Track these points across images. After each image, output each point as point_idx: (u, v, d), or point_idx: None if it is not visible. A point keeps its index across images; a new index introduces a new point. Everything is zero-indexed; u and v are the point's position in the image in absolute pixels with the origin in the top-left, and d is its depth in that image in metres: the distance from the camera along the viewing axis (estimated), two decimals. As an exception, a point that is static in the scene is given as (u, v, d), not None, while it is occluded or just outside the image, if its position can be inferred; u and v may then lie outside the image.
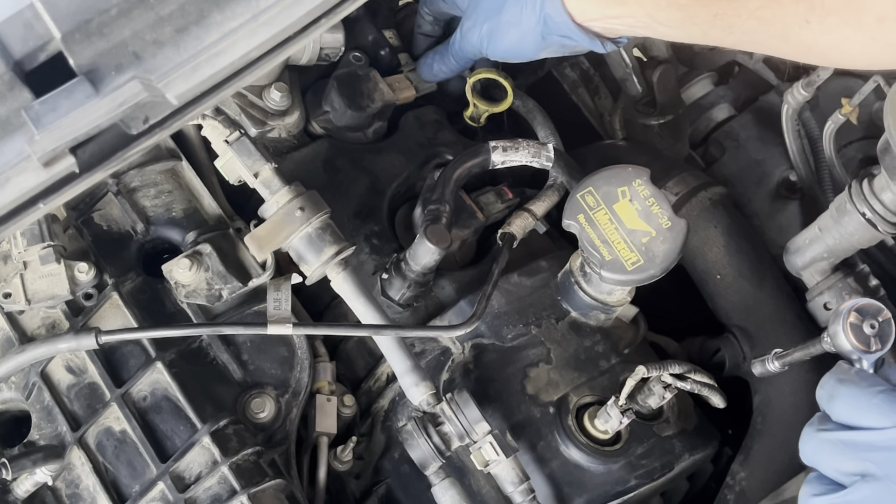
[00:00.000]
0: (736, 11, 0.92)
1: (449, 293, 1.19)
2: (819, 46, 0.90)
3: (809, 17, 0.87)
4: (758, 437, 1.15)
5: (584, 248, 1.08)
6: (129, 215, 1.14)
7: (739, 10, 0.92)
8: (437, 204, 1.15)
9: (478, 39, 1.18)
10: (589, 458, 1.08)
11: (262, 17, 0.68)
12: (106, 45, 0.65)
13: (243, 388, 1.10)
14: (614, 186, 1.09)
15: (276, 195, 1.05)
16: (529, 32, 1.11)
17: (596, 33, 1.08)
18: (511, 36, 1.13)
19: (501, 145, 1.19)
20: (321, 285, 1.08)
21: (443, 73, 1.31)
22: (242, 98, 1.20)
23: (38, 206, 0.68)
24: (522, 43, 1.13)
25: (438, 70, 1.30)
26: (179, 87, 0.67)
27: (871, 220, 1.05)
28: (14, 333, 1.09)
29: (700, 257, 1.24)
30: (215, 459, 1.02)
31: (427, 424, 1.03)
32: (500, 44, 1.16)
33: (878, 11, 0.83)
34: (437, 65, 1.30)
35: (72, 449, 1.06)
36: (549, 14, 1.07)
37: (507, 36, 1.14)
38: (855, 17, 0.85)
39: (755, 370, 1.07)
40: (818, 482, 0.86)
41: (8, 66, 0.64)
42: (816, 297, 1.16)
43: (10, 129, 0.64)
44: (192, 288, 1.07)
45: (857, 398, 0.85)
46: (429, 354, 1.15)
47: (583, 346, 1.16)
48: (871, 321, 0.91)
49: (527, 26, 1.10)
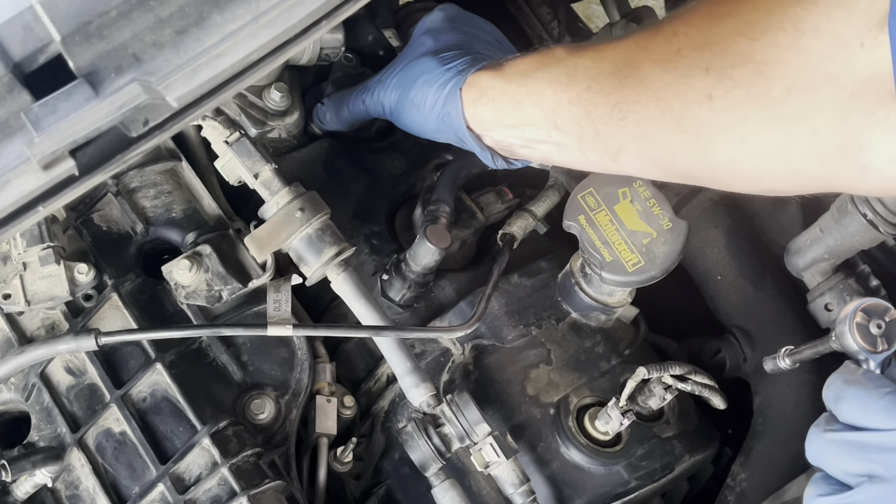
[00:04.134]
0: (637, 95, 0.87)
1: (449, 294, 1.19)
2: (714, 129, 0.83)
3: (714, 91, 0.81)
4: (758, 438, 1.15)
5: (584, 249, 1.08)
6: (129, 216, 1.14)
7: (642, 92, 0.86)
8: (437, 204, 1.15)
9: (388, 105, 1.13)
10: (589, 459, 1.08)
11: (263, 18, 0.67)
12: (106, 47, 0.65)
13: (243, 390, 1.09)
14: (615, 187, 1.08)
15: (276, 196, 1.05)
16: (430, 120, 1.07)
17: (489, 146, 1.04)
18: (413, 116, 1.09)
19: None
20: (321, 286, 1.08)
21: (333, 125, 1.24)
22: (242, 98, 1.20)
23: (37, 209, 0.68)
24: (424, 127, 1.09)
25: (330, 119, 1.23)
26: (179, 89, 0.66)
27: (872, 221, 1.05)
28: (13, 334, 1.08)
29: (700, 258, 1.24)
30: (215, 461, 1.02)
31: (427, 426, 1.03)
32: (403, 118, 1.12)
33: (789, 81, 0.77)
34: (329, 114, 1.23)
35: (71, 450, 1.05)
36: (448, 112, 1.03)
37: (409, 114, 1.10)
38: (763, 88, 0.79)
39: (767, 367, 1.07)
40: (824, 482, 0.86)
41: (7, 68, 0.64)
42: (817, 298, 1.15)
43: (9, 132, 0.64)
44: (192, 289, 1.06)
45: (863, 399, 0.84)
46: (429, 355, 1.15)
47: (583, 347, 1.16)
48: (877, 321, 0.91)
49: (428, 114, 1.06)
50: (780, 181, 0.87)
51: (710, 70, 0.81)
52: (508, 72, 1.00)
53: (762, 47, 0.78)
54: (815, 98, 0.77)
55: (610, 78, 0.90)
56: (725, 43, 0.81)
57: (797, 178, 0.85)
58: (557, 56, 0.96)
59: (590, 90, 0.91)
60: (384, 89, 1.13)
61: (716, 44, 0.81)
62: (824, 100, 0.77)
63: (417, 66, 1.09)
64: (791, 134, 0.80)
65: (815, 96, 0.77)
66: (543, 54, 0.98)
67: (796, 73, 0.77)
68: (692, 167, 0.90)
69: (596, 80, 0.91)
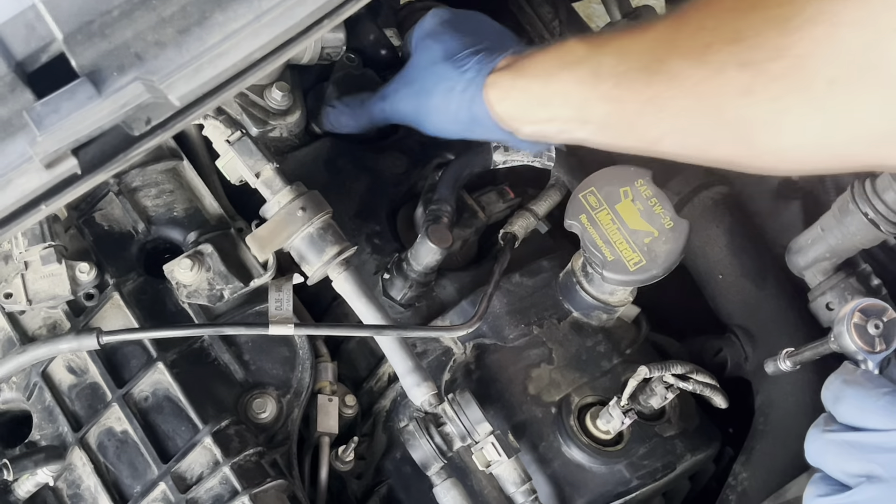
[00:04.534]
0: (671, 93, 0.86)
1: (450, 293, 1.19)
2: (755, 121, 0.82)
3: (753, 86, 0.80)
4: (760, 438, 1.15)
5: (585, 248, 1.07)
6: (131, 215, 1.14)
7: (676, 88, 0.85)
8: (438, 204, 1.15)
9: (410, 114, 1.12)
10: (591, 458, 1.08)
11: (265, 17, 0.67)
12: (108, 46, 0.65)
13: (245, 389, 1.10)
14: (616, 186, 1.08)
15: (278, 195, 1.05)
16: (459, 123, 1.07)
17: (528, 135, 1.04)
18: (439, 121, 1.09)
19: (503, 145, 1.19)
20: (322, 285, 1.08)
21: (349, 128, 1.23)
22: (244, 97, 1.20)
23: (40, 208, 0.68)
24: (452, 129, 1.09)
25: (346, 123, 1.23)
26: (182, 88, 0.67)
27: (873, 220, 1.05)
28: (15, 334, 1.08)
29: (702, 257, 1.24)
30: (217, 460, 1.02)
31: (429, 425, 1.03)
32: (428, 125, 1.11)
33: (829, 74, 0.76)
34: (345, 118, 1.22)
35: (73, 449, 1.05)
36: (476, 114, 1.03)
37: (435, 120, 1.09)
38: (803, 83, 0.78)
39: (768, 369, 1.07)
40: (823, 483, 0.86)
41: (10, 67, 0.64)
42: (819, 298, 1.15)
43: (11, 131, 0.64)
44: (194, 288, 1.06)
45: (862, 400, 0.84)
46: (430, 355, 1.15)
47: (585, 346, 1.16)
48: (875, 321, 0.91)
49: (455, 117, 1.06)
50: (827, 164, 0.87)
51: (746, 65, 0.80)
52: (529, 72, 0.99)
53: (798, 41, 0.77)
54: (857, 89, 0.76)
55: (638, 74, 0.89)
56: (758, 38, 0.79)
57: (845, 162, 0.85)
58: (578, 54, 0.95)
59: (619, 87, 0.90)
60: (403, 99, 1.12)
61: (748, 38, 0.80)
62: (867, 89, 0.76)
63: (433, 74, 1.08)
64: (836, 123, 0.79)
65: (857, 87, 0.76)
66: (562, 51, 0.97)
67: (836, 65, 0.76)
68: (735, 155, 0.89)
69: (624, 77, 0.90)
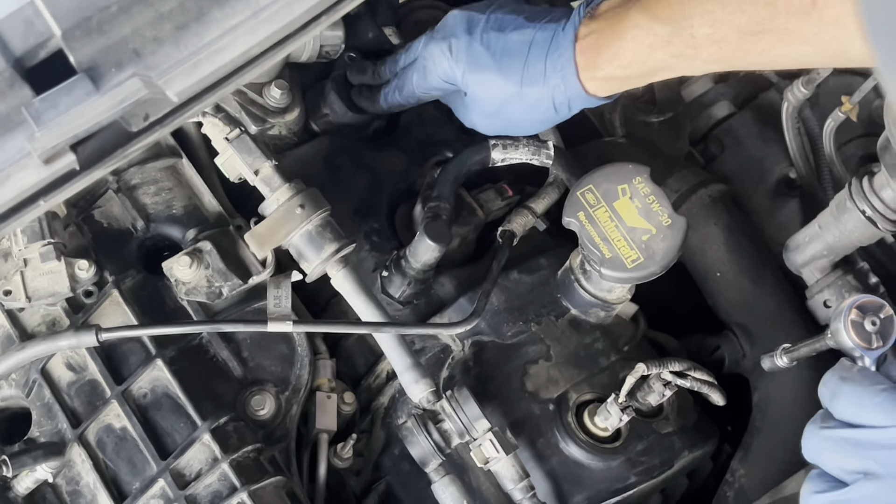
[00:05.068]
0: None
1: (449, 290, 1.19)
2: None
3: None
4: (757, 434, 1.15)
5: (584, 245, 1.08)
6: (130, 212, 1.14)
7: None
8: (437, 201, 1.15)
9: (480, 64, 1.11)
10: (589, 455, 1.09)
11: (263, 14, 0.67)
12: (106, 42, 0.65)
13: (243, 386, 1.10)
14: (614, 184, 1.09)
15: (277, 192, 1.05)
16: (546, 111, 1.09)
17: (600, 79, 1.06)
18: (521, 110, 1.11)
19: (501, 143, 1.19)
20: (321, 283, 1.08)
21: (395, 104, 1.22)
22: (242, 95, 1.20)
23: (38, 204, 0.68)
24: (531, 120, 1.13)
25: (392, 101, 1.22)
26: (180, 84, 0.67)
27: (870, 218, 1.05)
28: (14, 331, 1.09)
29: (700, 255, 1.24)
30: (215, 456, 1.02)
31: (427, 421, 1.03)
32: (512, 115, 1.12)
33: None
34: (393, 95, 1.21)
35: (72, 446, 1.06)
36: (572, 98, 1.07)
37: (517, 109, 1.11)
38: None
39: (764, 365, 1.08)
40: (820, 479, 0.86)
41: (8, 62, 0.64)
42: (816, 295, 1.16)
43: (10, 126, 0.64)
44: (193, 285, 1.07)
45: (859, 396, 0.85)
46: (429, 352, 1.15)
47: (582, 343, 1.16)
48: (872, 318, 0.91)
49: (544, 105, 1.09)
50: None
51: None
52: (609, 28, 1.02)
53: None
54: None
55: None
56: None
57: None
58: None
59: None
60: (472, 54, 1.10)
61: None
62: None
63: (505, 27, 1.08)
64: None
65: None
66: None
67: None
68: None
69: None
